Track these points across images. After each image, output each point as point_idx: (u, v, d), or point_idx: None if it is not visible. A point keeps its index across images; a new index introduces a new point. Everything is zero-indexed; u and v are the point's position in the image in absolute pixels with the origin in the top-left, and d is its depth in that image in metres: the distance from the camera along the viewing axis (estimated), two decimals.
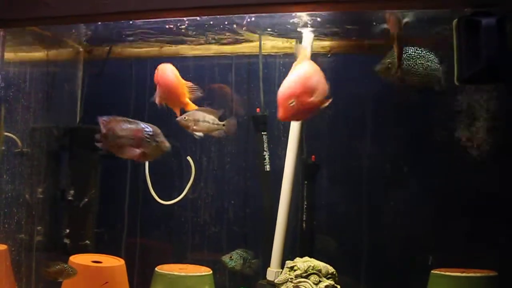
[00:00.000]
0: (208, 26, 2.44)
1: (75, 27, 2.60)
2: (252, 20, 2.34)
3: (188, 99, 2.16)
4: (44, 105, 2.88)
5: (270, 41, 2.65)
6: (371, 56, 2.42)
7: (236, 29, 2.48)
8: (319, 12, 2.18)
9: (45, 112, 2.88)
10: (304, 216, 2.49)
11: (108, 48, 2.86)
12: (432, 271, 2.27)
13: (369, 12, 2.14)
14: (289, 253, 2.38)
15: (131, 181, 2.87)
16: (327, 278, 2.05)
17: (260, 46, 2.61)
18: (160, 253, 2.89)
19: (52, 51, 2.87)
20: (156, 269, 2.40)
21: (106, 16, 2.11)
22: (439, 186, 2.54)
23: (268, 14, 2.26)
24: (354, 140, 2.68)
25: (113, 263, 2.45)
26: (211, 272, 2.43)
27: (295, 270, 2.06)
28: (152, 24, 2.44)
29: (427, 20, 2.15)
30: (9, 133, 2.74)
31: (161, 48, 2.81)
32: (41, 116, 2.86)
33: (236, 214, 2.77)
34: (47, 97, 2.89)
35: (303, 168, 2.51)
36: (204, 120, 2.13)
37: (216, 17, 2.30)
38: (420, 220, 2.53)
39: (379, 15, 2.12)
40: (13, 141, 2.77)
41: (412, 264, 2.49)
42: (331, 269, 2.08)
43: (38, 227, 2.73)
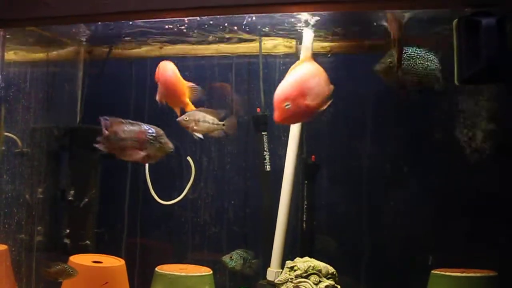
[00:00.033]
0: (208, 26, 2.44)
1: (75, 27, 2.60)
2: (252, 20, 2.35)
3: (188, 99, 2.16)
4: (44, 105, 2.88)
5: (271, 41, 2.65)
6: (371, 56, 2.42)
7: (236, 29, 2.48)
8: (319, 12, 2.18)
9: (45, 112, 2.87)
10: (304, 216, 2.49)
11: (108, 48, 2.87)
12: (432, 271, 2.27)
13: (369, 12, 2.14)
14: (289, 253, 2.38)
15: (131, 181, 2.87)
16: (327, 278, 2.05)
17: (260, 46, 2.61)
18: (160, 253, 2.89)
19: (52, 51, 2.87)
20: (156, 269, 2.39)
21: (106, 16, 2.11)
22: (439, 186, 2.54)
23: (268, 14, 2.26)
24: (354, 140, 2.68)
25: (113, 263, 2.45)
26: (211, 272, 2.43)
27: (295, 270, 2.06)
28: (152, 24, 2.44)
29: (427, 20, 2.15)
30: (9, 133, 2.74)
31: (161, 48, 2.81)
32: (41, 116, 2.86)
33: (236, 214, 2.77)
34: (47, 97, 2.89)
35: (303, 168, 2.51)
36: (204, 120, 2.13)
37: (216, 17, 2.30)
38: (420, 220, 2.53)
39: (379, 15, 2.12)
40: (13, 141, 2.77)
41: (412, 264, 2.49)
42: (331, 269, 2.08)
43: (38, 227, 2.73)
